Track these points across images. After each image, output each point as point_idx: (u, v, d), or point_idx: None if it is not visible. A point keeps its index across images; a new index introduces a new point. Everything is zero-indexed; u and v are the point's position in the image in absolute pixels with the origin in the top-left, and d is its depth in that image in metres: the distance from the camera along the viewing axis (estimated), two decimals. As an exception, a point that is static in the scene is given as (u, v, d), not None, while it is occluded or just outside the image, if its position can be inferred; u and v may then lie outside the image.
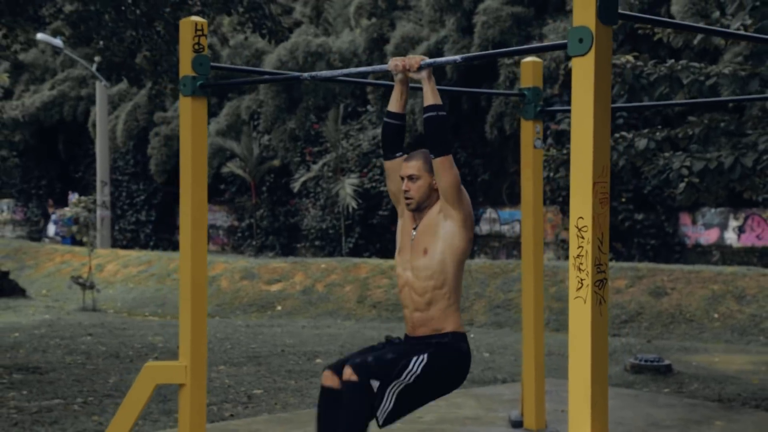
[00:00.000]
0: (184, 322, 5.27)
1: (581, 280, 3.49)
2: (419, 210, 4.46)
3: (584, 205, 3.49)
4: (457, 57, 4.19)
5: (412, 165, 4.43)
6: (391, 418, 4.30)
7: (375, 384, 4.22)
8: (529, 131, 6.63)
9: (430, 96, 4.26)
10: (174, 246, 28.48)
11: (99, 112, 27.95)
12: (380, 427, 4.33)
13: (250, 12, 10.94)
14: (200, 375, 5.26)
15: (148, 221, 30.21)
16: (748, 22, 7.59)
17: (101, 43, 11.51)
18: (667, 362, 9.96)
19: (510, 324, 14.45)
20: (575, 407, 3.50)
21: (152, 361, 8.31)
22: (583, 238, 3.49)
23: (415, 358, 4.28)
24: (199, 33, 5.06)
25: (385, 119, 4.54)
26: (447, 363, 4.37)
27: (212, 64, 5.19)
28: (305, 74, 4.91)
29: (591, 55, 3.46)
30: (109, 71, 12.50)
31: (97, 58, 11.66)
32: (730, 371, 9.96)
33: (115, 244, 29.42)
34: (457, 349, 4.40)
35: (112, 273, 22.54)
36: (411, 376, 4.25)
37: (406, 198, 4.44)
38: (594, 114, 3.47)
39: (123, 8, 10.64)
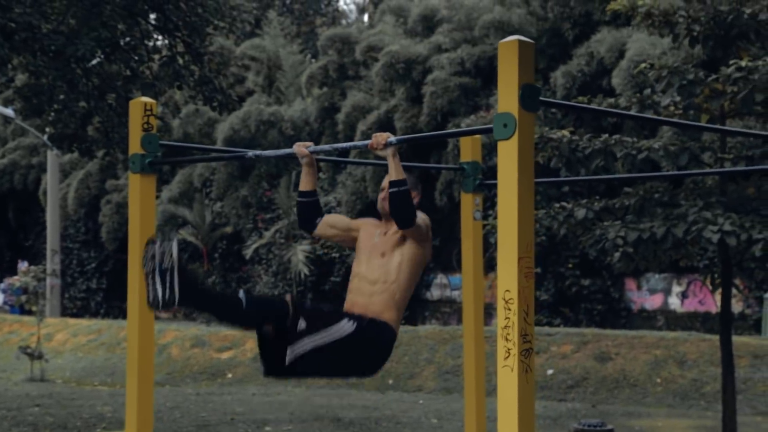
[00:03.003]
0: (130, 394, 5.38)
1: (508, 349, 3.69)
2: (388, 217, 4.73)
3: (510, 279, 3.70)
4: (393, 139, 4.38)
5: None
6: (294, 364, 4.30)
7: (302, 325, 4.31)
8: (468, 204, 6.86)
9: (394, 172, 4.47)
10: (126, 314, 28.23)
11: (50, 181, 27.84)
12: (285, 365, 4.31)
13: (200, 86, 11.15)
14: (147, 445, 5.35)
15: (99, 289, 29.96)
16: (677, 99, 7.97)
17: (53, 114, 11.63)
18: (610, 427, 10.13)
19: (459, 390, 14.56)
20: (504, 472, 3.68)
21: (100, 432, 8.32)
22: (510, 309, 3.70)
23: (346, 320, 4.43)
24: (148, 113, 5.27)
25: (300, 199, 4.81)
26: (370, 343, 4.51)
27: (161, 141, 5.38)
28: (250, 153, 5.12)
29: (515, 139, 3.71)
30: (60, 142, 12.59)
31: (48, 129, 11.76)
32: (671, 435, 10.18)
33: (65, 312, 29.08)
34: (385, 338, 4.53)
35: (61, 342, 22.29)
36: (333, 335, 4.36)
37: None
38: (518, 194, 3.70)
39: (75, 82, 10.79)
